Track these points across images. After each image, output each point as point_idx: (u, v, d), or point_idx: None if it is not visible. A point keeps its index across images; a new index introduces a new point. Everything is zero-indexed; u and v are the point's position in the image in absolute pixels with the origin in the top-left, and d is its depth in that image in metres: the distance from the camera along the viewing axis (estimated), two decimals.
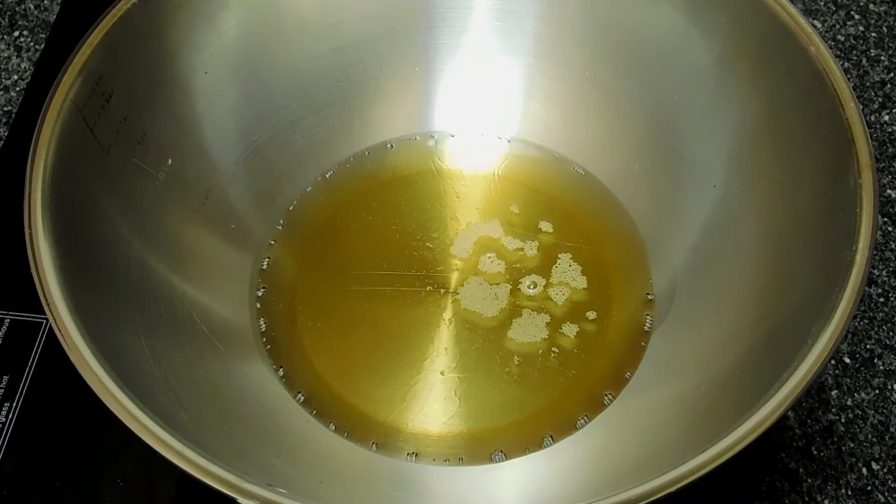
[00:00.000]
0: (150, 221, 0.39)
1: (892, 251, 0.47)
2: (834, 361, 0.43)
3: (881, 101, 0.52)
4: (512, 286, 0.44)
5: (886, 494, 0.39)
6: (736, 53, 0.40)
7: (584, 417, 0.39)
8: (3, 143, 0.50)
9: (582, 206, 0.46)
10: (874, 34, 0.55)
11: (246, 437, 0.35)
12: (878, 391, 0.42)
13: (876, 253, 0.46)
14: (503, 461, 0.38)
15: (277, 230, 0.45)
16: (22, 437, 0.40)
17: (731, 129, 0.41)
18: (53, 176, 0.33)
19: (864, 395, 0.42)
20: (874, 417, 0.41)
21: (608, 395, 0.40)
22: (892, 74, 0.53)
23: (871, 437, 0.41)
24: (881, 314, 0.44)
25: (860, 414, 0.42)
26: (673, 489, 0.27)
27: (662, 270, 0.43)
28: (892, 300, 0.45)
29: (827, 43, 0.39)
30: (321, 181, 0.47)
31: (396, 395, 0.41)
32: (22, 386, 0.41)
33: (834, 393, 0.42)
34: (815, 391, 0.42)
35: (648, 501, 0.26)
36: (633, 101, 0.45)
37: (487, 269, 0.44)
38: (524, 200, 0.47)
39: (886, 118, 0.51)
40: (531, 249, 0.45)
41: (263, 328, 0.42)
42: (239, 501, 0.27)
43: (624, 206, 0.46)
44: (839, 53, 0.54)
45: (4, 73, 0.54)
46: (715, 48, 0.41)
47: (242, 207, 0.45)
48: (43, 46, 0.54)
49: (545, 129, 0.48)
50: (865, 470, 0.40)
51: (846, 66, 0.54)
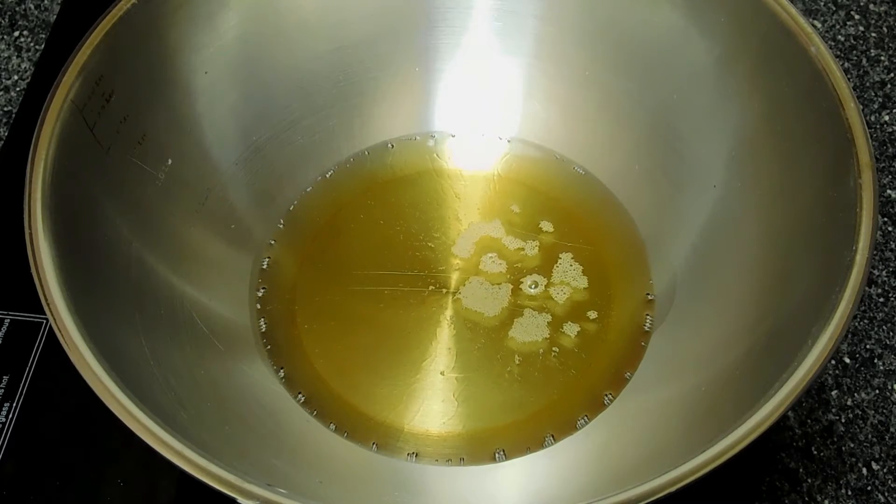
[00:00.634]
0: (150, 221, 0.39)
1: (892, 251, 0.47)
2: (834, 361, 0.43)
3: (881, 101, 0.52)
4: (513, 286, 0.44)
5: (886, 494, 0.39)
6: (736, 53, 0.40)
7: (584, 417, 0.39)
8: (3, 143, 0.50)
9: (582, 206, 0.46)
10: (874, 34, 0.55)
11: (246, 437, 0.35)
12: (878, 391, 0.42)
13: (876, 253, 0.46)
14: (503, 461, 0.38)
15: (277, 230, 0.45)
16: (22, 437, 0.40)
17: (731, 129, 0.41)
18: (53, 176, 0.33)
19: (864, 395, 0.42)
20: (874, 417, 0.41)
21: (608, 395, 0.40)
22: (892, 74, 0.53)
23: (871, 437, 0.41)
24: (881, 314, 0.44)
25: (860, 414, 0.42)
26: (673, 489, 0.27)
27: (662, 270, 0.43)
28: (892, 300, 0.45)
29: (827, 43, 0.39)
30: (321, 181, 0.47)
31: (396, 395, 0.41)
32: (22, 386, 0.41)
33: (834, 393, 0.42)
34: (815, 391, 0.42)
35: (649, 501, 0.26)
36: (633, 101, 0.45)
37: (488, 268, 0.44)
38: (524, 200, 0.47)
39: (886, 118, 0.51)
40: (532, 249, 0.45)
41: (263, 328, 0.42)
42: (239, 501, 0.27)
43: (624, 206, 0.46)
44: (839, 53, 0.54)
45: (4, 73, 0.54)
46: (715, 48, 0.41)
47: (242, 207, 0.45)
48: (43, 46, 0.54)
49: (545, 129, 0.48)
50: (865, 470, 0.40)
51: (846, 66, 0.54)
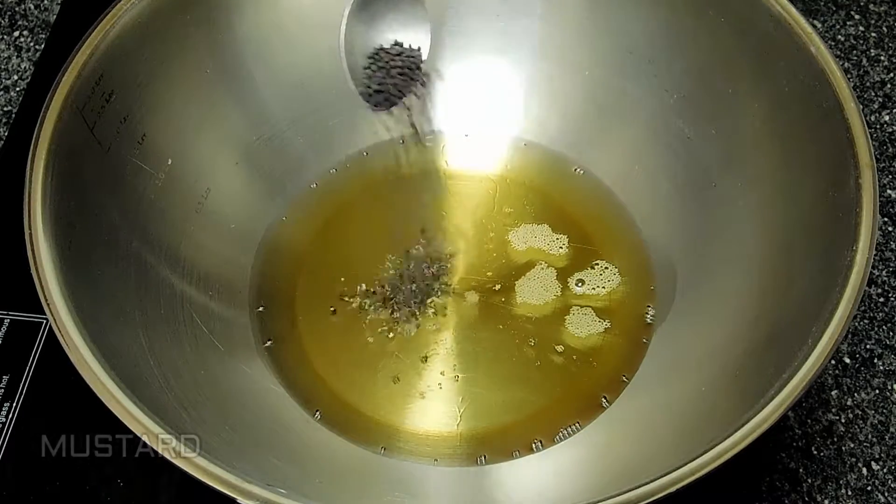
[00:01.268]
0: (150, 221, 0.39)
1: (892, 251, 0.47)
2: (834, 361, 0.43)
3: (881, 101, 0.52)
4: (514, 285, 0.44)
5: (886, 494, 0.39)
6: (736, 53, 0.40)
7: (584, 418, 0.39)
8: (3, 143, 0.50)
9: (582, 205, 0.46)
10: (874, 34, 0.55)
11: (246, 437, 0.35)
12: (878, 391, 0.42)
13: (876, 253, 0.46)
14: (503, 461, 0.38)
15: (278, 230, 0.45)
16: (22, 437, 0.40)
17: (730, 129, 0.41)
18: (53, 176, 0.33)
19: (864, 395, 0.42)
20: (874, 417, 0.41)
21: (608, 396, 0.40)
22: (892, 74, 0.53)
23: (871, 437, 0.41)
24: (881, 314, 0.44)
25: (860, 414, 0.42)
26: (673, 489, 0.27)
27: (662, 270, 0.43)
28: (892, 300, 0.45)
29: (827, 43, 0.39)
30: (321, 181, 0.47)
31: (396, 394, 0.41)
32: (22, 386, 0.41)
33: (834, 393, 0.42)
34: (815, 391, 0.42)
35: (649, 501, 0.27)
36: (633, 101, 0.45)
37: (489, 268, 0.44)
38: (524, 200, 0.47)
39: (886, 118, 0.51)
40: (532, 249, 0.45)
41: (263, 328, 0.42)
42: (239, 501, 0.27)
43: (624, 205, 0.46)
44: (839, 53, 0.54)
45: (4, 73, 0.54)
46: (715, 48, 0.41)
47: (242, 207, 0.45)
48: (43, 46, 0.54)
49: (545, 129, 0.48)
50: (865, 470, 0.40)
51: (846, 66, 0.54)
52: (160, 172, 0.40)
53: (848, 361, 0.43)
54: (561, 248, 0.45)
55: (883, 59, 0.54)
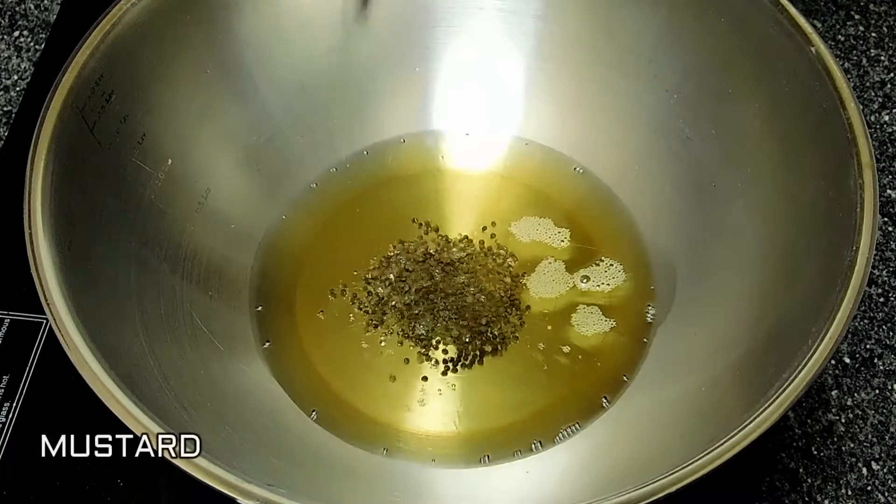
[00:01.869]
0: (150, 221, 0.39)
1: (892, 251, 0.47)
2: (834, 361, 0.43)
3: (881, 101, 0.52)
4: (514, 285, 0.44)
5: (886, 494, 0.39)
6: (736, 53, 0.40)
7: (584, 419, 0.39)
8: (3, 143, 0.50)
9: (582, 205, 0.46)
10: (874, 34, 0.55)
11: (246, 437, 0.35)
12: (878, 391, 0.42)
13: (876, 253, 0.46)
14: (503, 462, 0.38)
15: (277, 229, 0.45)
16: (22, 437, 0.40)
17: (730, 128, 0.41)
18: (53, 176, 0.33)
19: (864, 395, 0.42)
20: (874, 417, 0.41)
21: (609, 396, 0.40)
22: (892, 74, 0.53)
23: (871, 437, 0.41)
24: (881, 314, 0.44)
25: (860, 414, 0.42)
26: (674, 489, 0.27)
27: (662, 270, 0.43)
28: (892, 300, 0.45)
29: (827, 43, 0.39)
30: (321, 181, 0.47)
31: (396, 394, 0.41)
32: (22, 386, 0.41)
33: (834, 393, 0.42)
34: (815, 391, 0.42)
35: (649, 501, 0.27)
36: (633, 101, 0.45)
37: (489, 267, 0.44)
38: (524, 200, 0.47)
39: (886, 118, 0.51)
40: (532, 248, 0.45)
41: (263, 328, 0.42)
42: (239, 501, 0.27)
43: (625, 205, 0.46)
44: (839, 53, 0.54)
45: (4, 73, 0.54)
46: (715, 48, 0.41)
47: (242, 207, 0.45)
48: (43, 46, 0.54)
49: (545, 128, 0.48)
50: (865, 470, 0.40)
51: (846, 66, 0.54)
52: (160, 172, 0.40)
53: (848, 361, 0.43)
54: (560, 246, 0.45)
55: (883, 59, 0.54)
